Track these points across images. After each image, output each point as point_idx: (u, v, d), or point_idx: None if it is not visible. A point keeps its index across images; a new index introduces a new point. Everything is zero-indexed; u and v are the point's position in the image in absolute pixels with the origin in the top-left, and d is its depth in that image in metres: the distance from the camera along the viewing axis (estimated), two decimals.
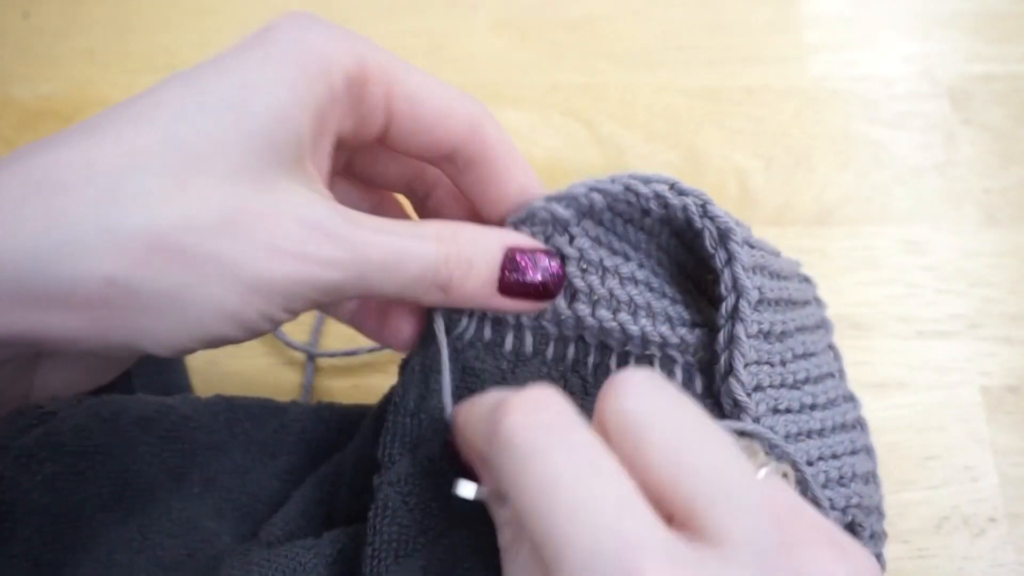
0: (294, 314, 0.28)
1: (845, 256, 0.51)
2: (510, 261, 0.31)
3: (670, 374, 0.34)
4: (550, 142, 0.55)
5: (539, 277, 0.32)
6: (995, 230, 0.52)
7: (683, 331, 0.33)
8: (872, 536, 0.37)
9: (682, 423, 0.23)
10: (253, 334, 0.28)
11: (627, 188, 0.32)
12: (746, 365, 0.32)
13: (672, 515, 0.22)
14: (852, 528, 0.36)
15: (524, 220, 0.33)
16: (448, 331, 0.34)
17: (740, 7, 0.60)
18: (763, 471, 0.25)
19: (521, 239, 0.32)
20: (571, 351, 0.34)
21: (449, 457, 0.31)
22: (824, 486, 0.34)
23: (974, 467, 0.45)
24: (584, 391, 0.34)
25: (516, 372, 0.34)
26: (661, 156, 0.54)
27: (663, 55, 0.59)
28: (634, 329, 0.33)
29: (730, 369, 0.32)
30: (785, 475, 0.28)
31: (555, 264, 0.32)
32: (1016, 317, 0.49)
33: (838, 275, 0.50)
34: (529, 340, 0.34)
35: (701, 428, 0.23)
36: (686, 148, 0.55)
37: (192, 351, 0.27)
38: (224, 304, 0.25)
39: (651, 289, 0.34)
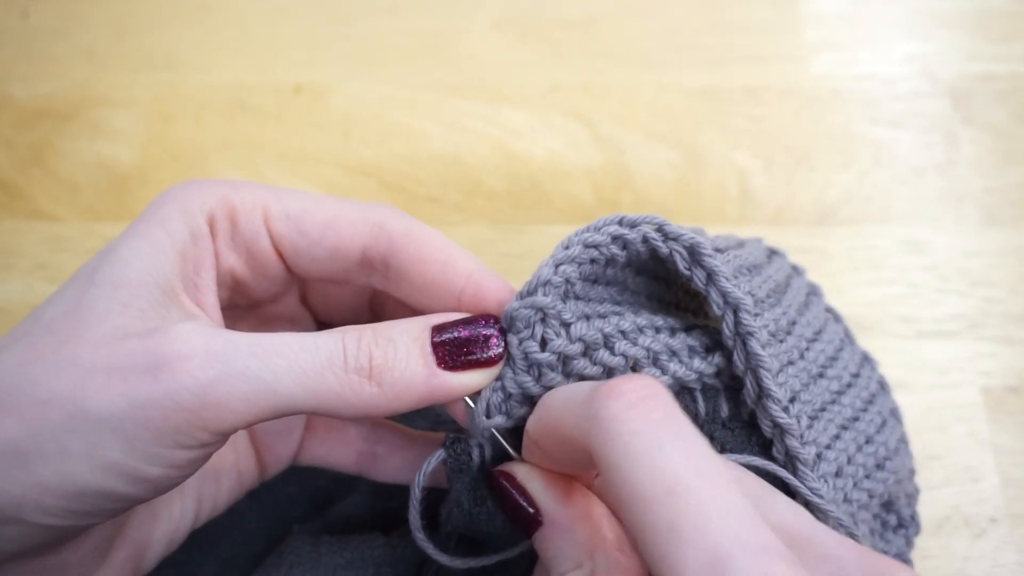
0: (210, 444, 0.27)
1: (846, 256, 0.51)
2: (438, 330, 0.29)
3: (699, 403, 0.31)
4: (550, 142, 0.55)
5: (474, 332, 0.29)
6: (996, 230, 0.52)
7: (703, 364, 0.31)
8: (908, 499, 0.36)
9: None
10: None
11: (586, 245, 0.29)
12: (774, 376, 0.30)
13: None
14: (889, 504, 0.35)
15: (509, 329, 0.29)
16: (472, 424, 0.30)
17: (740, 7, 0.60)
18: None
19: (448, 315, 0.29)
20: None
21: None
22: (866, 477, 0.32)
23: (975, 467, 0.44)
24: None
25: None
26: (661, 156, 0.54)
27: (663, 55, 0.58)
28: (665, 379, 0.30)
29: (760, 389, 0.30)
30: None
31: (493, 327, 0.29)
32: (1017, 317, 0.49)
33: (839, 275, 0.50)
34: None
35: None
36: (686, 148, 0.54)
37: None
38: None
39: (657, 329, 0.31)
